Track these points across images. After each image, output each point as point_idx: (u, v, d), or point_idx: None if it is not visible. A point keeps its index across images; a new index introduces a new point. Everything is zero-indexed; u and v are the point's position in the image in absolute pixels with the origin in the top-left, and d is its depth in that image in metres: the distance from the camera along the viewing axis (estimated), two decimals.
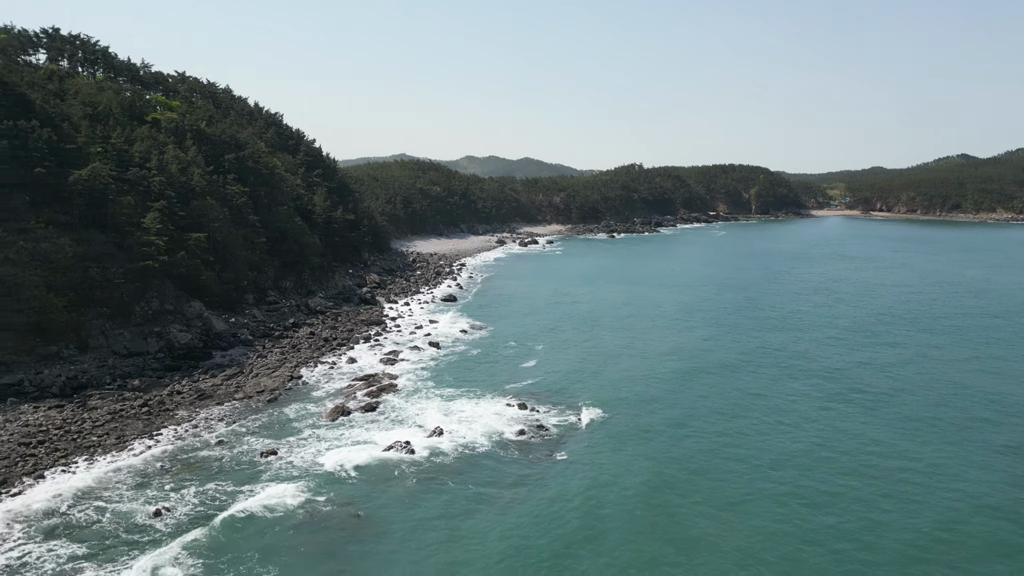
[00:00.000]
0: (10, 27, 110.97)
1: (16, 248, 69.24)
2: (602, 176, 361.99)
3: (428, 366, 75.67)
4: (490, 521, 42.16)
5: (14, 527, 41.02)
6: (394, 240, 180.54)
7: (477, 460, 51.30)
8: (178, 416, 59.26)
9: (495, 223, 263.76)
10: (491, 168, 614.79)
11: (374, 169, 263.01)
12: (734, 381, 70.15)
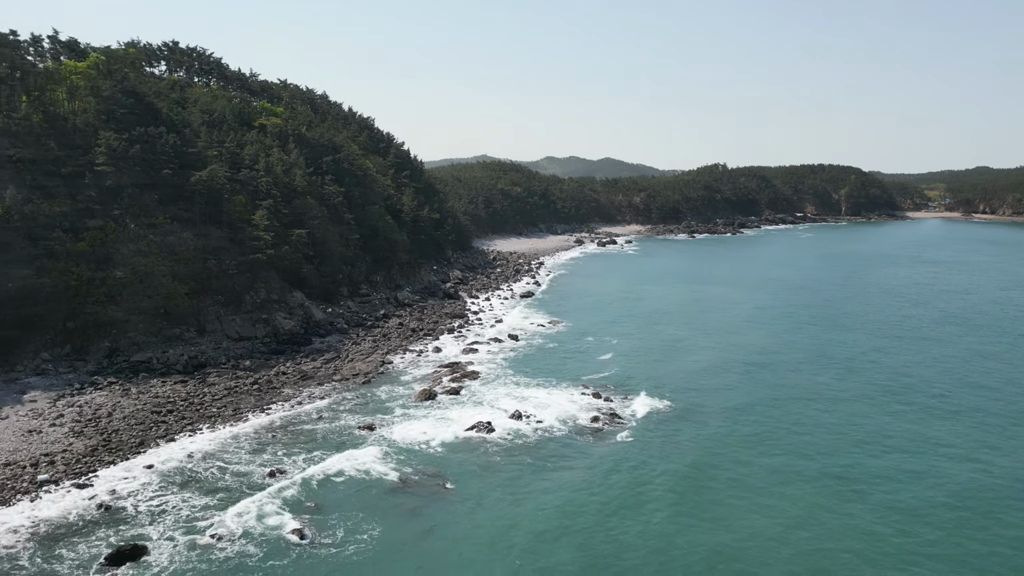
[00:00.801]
0: (137, 41, 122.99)
1: (147, 241, 78.25)
2: (683, 176, 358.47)
3: (507, 356, 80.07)
4: (560, 493, 45.89)
5: (152, 479, 47.84)
6: (475, 239, 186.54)
7: (552, 441, 55.17)
8: (284, 393, 65.95)
9: (574, 223, 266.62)
10: (571, 168, 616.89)
11: (457, 170, 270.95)
12: (798, 377, 72.21)
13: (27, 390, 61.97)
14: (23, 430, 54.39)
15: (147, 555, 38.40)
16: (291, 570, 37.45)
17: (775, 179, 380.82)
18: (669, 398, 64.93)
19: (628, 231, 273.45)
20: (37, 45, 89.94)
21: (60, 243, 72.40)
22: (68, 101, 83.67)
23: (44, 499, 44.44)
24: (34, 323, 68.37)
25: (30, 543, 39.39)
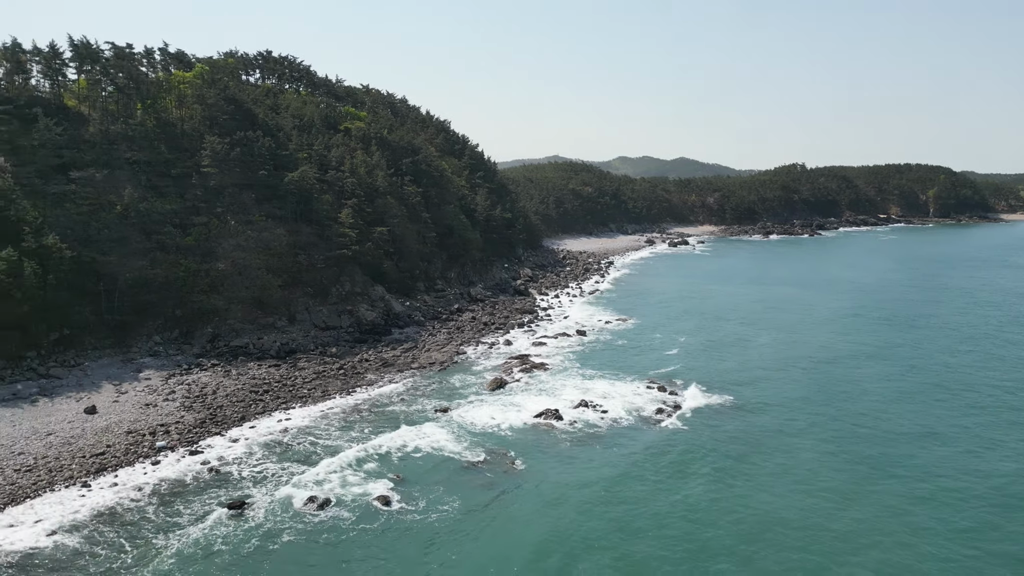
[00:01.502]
0: (235, 51, 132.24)
1: (245, 237, 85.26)
2: (760, 176, 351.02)
3: (575, 350, 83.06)
4: (619, 475, 48.69)
5: (254, 449, 53.39)
6: (546, 238, 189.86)
7: (616, 429, 57.98)
8: (367, 378, 71.14)
9: (645, 223, 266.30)
10: (644, 168, 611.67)
11: (529, 171, 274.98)
12: (861, 376, 72.62)
13: (143, 369, 69.29)
14: (141, 404, 61.26)
15: (250, 511, 43.53)
16: (378, 532, 41.77)
17: (857, 179, 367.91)
18: (732, 392, 66.58)
19: (701, 232, 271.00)
20: (149, 57, 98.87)
21: (170, 237, 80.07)
22: (177, 108, 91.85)
23: (163, 462, 50.53)
24: (148, 310, 75.99)
25: (153, 497, 45.26)
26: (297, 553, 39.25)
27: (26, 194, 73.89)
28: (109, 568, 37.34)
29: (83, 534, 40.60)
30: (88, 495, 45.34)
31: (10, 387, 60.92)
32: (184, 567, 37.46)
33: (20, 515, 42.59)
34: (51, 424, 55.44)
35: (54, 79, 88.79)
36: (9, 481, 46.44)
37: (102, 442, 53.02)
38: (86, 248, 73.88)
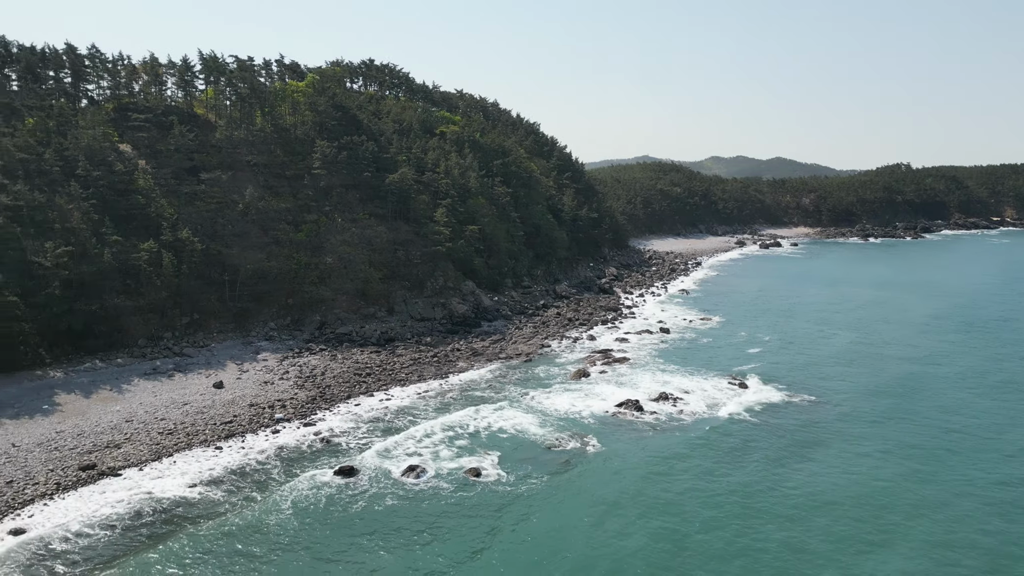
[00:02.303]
0: (341, 60, 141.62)
1: (350, 233, 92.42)
2: (860, 177, 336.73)
3: (658, 347, 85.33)
4: (693, 462, 51.19)
5: (359, 424, 59.16)
6: (632, 238, 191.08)
7: (694, 420, 60.30)
8: (459, 366, 76.22)
9: (736, 224, 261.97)
10: (737, 168, 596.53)
11: (617, 171, 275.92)
12: (948, 382, 71.42)
13: (260, 351, 77.00)
14: (260, 381, 68.54)
15: (358, 477, 48.94)
16: (468, 498, 46.21)
17: (968, 180, 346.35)
18: (810, 391, 67.40)
19: (795, 233, 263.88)
20: (268, 68, 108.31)
21: (284, 233, 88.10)
22: (291, 115, 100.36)
23: (281, 432, 57.00)
24: (264, 298, 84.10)
25: (276, 460, 51.52)
26: (399, 515, 44.12)
27: (163, 193, 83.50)
28: (239, 514, 43.43)
29: (217, 486, 47.11)
30: (220, 456, 52.13)
31: (151, 363, 69.60)
32: (302, 520, 43.07)
33: (165, 469, 49.70)
34: (186, 396, 63.26)
35: (186, 90, 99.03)
36: (155, 441, 53.92)
37: (229, 412, 60.22)
38: (213, 242, 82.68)
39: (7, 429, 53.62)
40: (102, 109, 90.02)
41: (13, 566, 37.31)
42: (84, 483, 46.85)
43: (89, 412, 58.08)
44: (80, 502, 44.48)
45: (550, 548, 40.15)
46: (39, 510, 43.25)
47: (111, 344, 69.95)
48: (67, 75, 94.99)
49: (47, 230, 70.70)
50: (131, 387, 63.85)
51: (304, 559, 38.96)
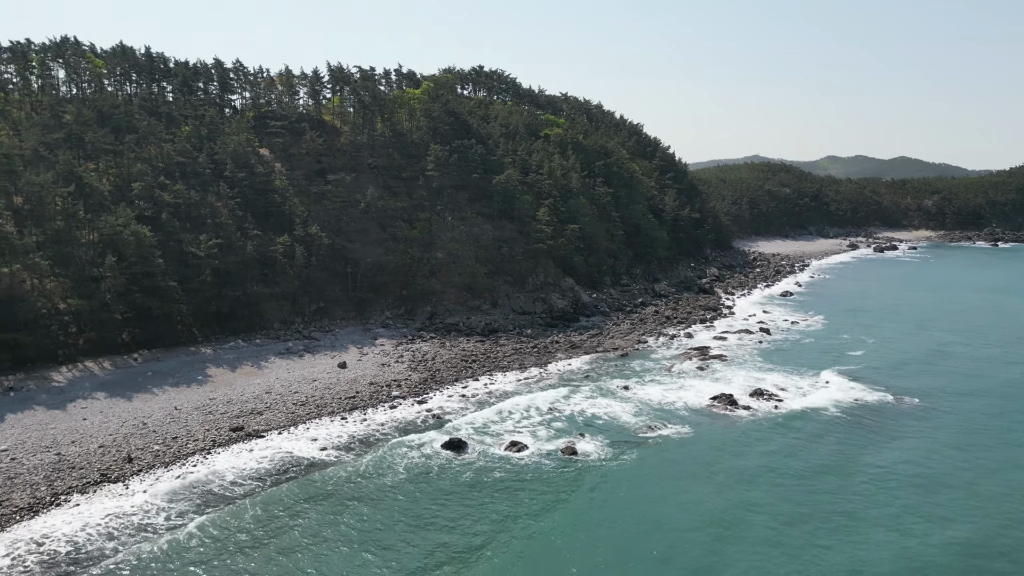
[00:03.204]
0: (452, 67, 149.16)
1: (459, 231, 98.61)
2: (992, 177, 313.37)
3: (756, 346, 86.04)
4: (779, 457, 52.84)
5: (466, 404, 64.49)
6: (737, 239, 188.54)
7: (787, 417, 61.58)
8: (557, 357, 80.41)
9: (849, 227, 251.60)
10: (856, 169, 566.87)
11: (723, 171, 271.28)
12: None
13: (378, 337, 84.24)
14: (378, 363, 75.45)
15: (465, 450, 54.06)
16: (564, 472, 50.26)
17: None
18: (913, 394, 66.78)
19: (914, 237, 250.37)
20: (387, 77, 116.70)
21: (400, 230, 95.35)
22: (408, 120, 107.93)
23: (397, 408, 63.19)
24: (382, 289, 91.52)
25: (393, 431, 57.56)
26: (503, 484, 48.74)
27: (296, 192, 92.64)
28: (361, 474, 49.45)
29: (344, 450, 53.56)
30: (345, 425, 58.81)
31: (284, 344, 78.08)
32: (419, 485, 48.50)
33: (300, 434, 56.76)
34: (315, 373, 70.90)
35: (316, 99, 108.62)
36: (290, 411, 61.36)
37: (352, 389, 67.18)
38: (338, 237, 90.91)
39: (170, 395, 62.70)
40: (244, 117, 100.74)
41: (184, 503, 44.83)
42: (234, 441, 54.55)
43: (235, 383, 66.60)
44: (232, 457, 52.03)
45: (643, 520, 43.57)
46: (200, 460, 51.06)
47: (251, 326, 79.00)
48: (215, 87, 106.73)
49: (200, 224, 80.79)
50: (268, 364, 72.26)
51: (415, 518, 44.24)
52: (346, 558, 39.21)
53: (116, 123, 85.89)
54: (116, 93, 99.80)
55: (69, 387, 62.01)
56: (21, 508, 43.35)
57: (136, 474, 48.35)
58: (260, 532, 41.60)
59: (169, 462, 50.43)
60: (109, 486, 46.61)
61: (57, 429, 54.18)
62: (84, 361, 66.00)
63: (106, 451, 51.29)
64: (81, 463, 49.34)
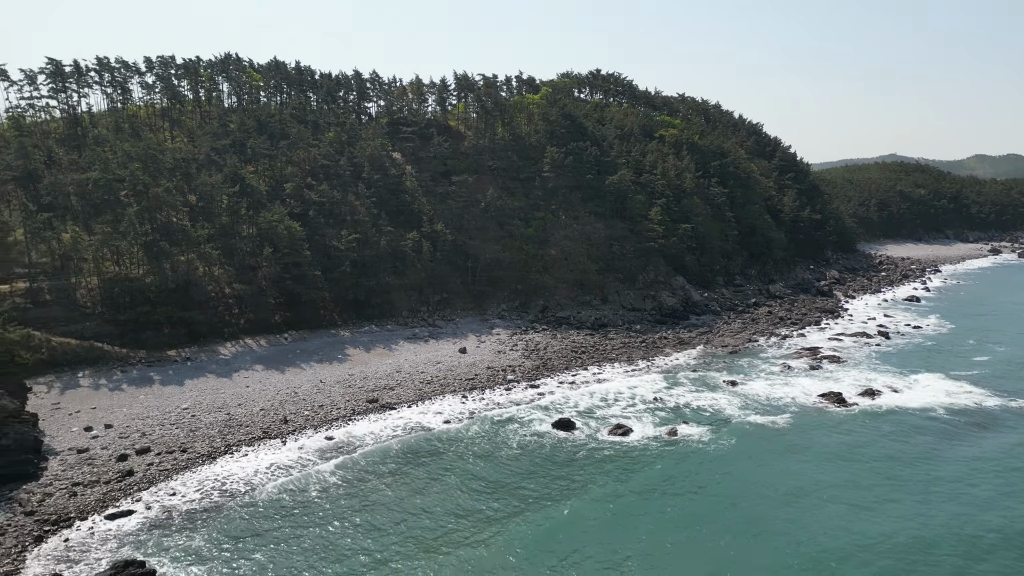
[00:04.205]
0: (570, 72, 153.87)
1: (572, 229, 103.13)
2: None
3: (872, 349, 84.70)
4: (881, 455, 53.38)
5: (575, 390, 68.86)
6: (862, 242, 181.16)
7: (897, 418, 61.44)
8: (665, 351, 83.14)
9: (992, 231, 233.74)
10: (1006, 168, 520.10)
11: (850, 171, 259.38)
12: None
13: (494, 327, 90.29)
14: (495, 350, 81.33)
15: (575, 430, 58.48)
16: (666, 453, 53.55)
17: None
18: None
19: None
20: (508, 84, 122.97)
21: (517, 228, 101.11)
22: (526, 124, 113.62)
23: (512, 390, 68.56)
24: (498, 283, 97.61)
25: (508, 410, 62.90)
26: (609, 462, 52.70)
27: (424, 193, 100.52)
28: (480, 446, 54.99)
29: (465, 423, 59.46)
30: (465, 403, 64.81)
31: (412, 330, 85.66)
32: (531, 457, 53.42)
33: (426, 408, 63.28)
34: (438, 357, 77.72)
35: (442, 105, 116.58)
36: (417, 388, 68.19)
37: (471, 372, 73.32)
38: (460, 234, 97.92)
39: (316, 370, 71.30)
40: (379, 123, 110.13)
41: (330, 457, 52.14)
42: (370, 411, 61.85)
43: (369, 363, 74.51)
44: (369, 424, 59.21)
45: (736, 494, 46.27)
46: (341, 426, 58.56)
47: (383, 313, 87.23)
48: (354, 96, 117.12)
49: (341, 221, 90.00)
50: (398, 347, 79.92)
51: (528, 488, 49.13)
52: (463, 506, 44.67)
53: (271, 130, 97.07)
54: (270, 103, 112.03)
55: (233, 359, 72.09)
56: (202, 455, 52.16)
57: (291, 433, 56.42)
58: (392, 482, 48.05)
59: (317, 425, 58.28)
60: (270, 441, 54.84)
61: (226, 394, 63.67)
62: (244, 338, 76.20)
63: (266, 413, 59.94)
64: (246, 422, 58.09)
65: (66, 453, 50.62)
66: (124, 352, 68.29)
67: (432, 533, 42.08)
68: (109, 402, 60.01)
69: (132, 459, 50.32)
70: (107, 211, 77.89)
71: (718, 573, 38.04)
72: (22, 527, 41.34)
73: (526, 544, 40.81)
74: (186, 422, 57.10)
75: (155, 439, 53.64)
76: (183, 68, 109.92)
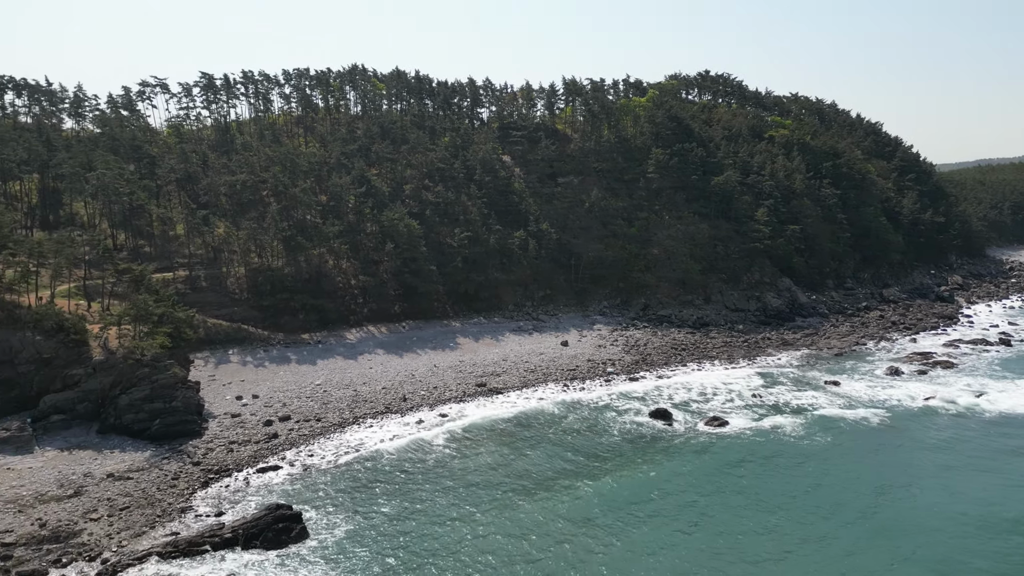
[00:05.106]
0: (678, 73, 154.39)
1: (675, 229, 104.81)
2: None
3: (992, 356, 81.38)
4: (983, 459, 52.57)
5: (673, 384, 71.16)
6: (992, 247, 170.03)
7: (1007, 421, 59.86)
8: (767, 351, 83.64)
9: None
10: None
11: (983, 172, 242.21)
12: None
13: (595, 323, 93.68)
14: (595, 345, 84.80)
15: (671, 422, 61.08)
16: (765, 446, 55.22)
17: None
18: None
19: None
20: (615, 87, 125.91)
21: (620, 228, 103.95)
22: (632, 127, 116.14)
23: (611, 382, 71.89)
24: (600, 280, 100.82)
25: (607, 399, 66.31)
26: (706, 451, 55.03)
27: (531, 194, 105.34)
28: (579, 427, 58.80)
29: (567, 409, 63.43)
30: (566, 391, 68.78)
31: (516, 323, 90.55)
32: (629, 443, 56.66)
33: (530, 394, 67.75)
34: (541, 348, 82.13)
35: (550, 109, 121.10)
36: (522, 376, 72.83)
37: (572, 363, 77.21)
38: (564, 233, 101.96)
39: (430, 356, 77.51)
40: (490, 128, 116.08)
41: (446, 431, 57.62)
42: (479, 395, 67.04)
43: (478, 351, 80.00)
44: (477, 405, 64.40)
45: (840, 492, 47.61)
46: (452, 405, 64.03)
47: (490, 306, 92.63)
48: (467, 102, 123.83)
49: (454, 220, 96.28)
50: (504, 338, 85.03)
51: (618, 460, 52.48)
52: (559, 469, 48.61)
53: (393, 136, 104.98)
54: (392, 110, 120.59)
55: (358, 344, 79.57)
56: (334, 424, 59.01)
57: (409, 410, 62.51)
58: (496, 451, 52.93)
59: (432, 403, 64.12)
60: (391, 416, 61.10)
61: (352, 373, 70.85)
62: (368, 325, 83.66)
63: (387, 392, 66.44)
64: (370, 398, 64.74)
65: (222, 417, 58.81)
66: (266, 334, 77.10)
67: (531, 489, 46.58)
68: (255, 376, 68.49)
69: (276, 424, 57.83)
70: (252, 209, 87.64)
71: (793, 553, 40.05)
72: (191, 474, 49.15)
73: (613, 502, 44.53)
74: (319, 396, 64.42)
75: (294, 409, 61.11)
76: (315, 79, 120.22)
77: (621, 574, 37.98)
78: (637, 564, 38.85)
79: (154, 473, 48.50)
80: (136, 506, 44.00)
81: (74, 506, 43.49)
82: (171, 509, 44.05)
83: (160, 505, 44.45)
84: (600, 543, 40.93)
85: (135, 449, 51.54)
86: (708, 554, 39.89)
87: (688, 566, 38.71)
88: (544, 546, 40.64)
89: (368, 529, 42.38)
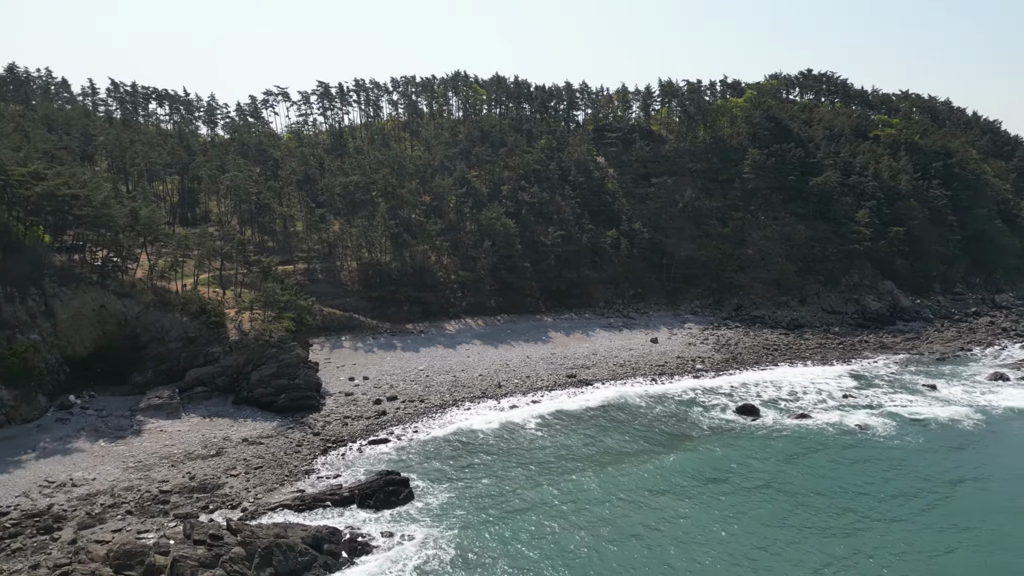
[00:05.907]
0: (779, 73, 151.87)
1: (771, 230, 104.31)
2: None
3: None
4: None
5: (761, 383, 72.03)
6: None
7: None
8: (864, 354, 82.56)
9: None
10: None
11: None
12: None
13: (686, 322, 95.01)
14: (685, 343, 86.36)
15: (759, 418, 62.36)
16: (848, 442, 55.81)
17: None
18: None
19: None
20: (712, 88, 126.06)
21: (713, 228, 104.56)
22: (729, 127, 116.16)
23: (700, 379, 73.56)
24: (692, 280, 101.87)
25: (695, 395, 68.20)
26: (792, 444, 56.20)
27: (624, 194, 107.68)
28: (664, 419, 61.15)
29: (654, 402, 65.90)
30: (654, 385, 71.13)
31: (607, 319, 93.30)
32: (710, 430, 58.66)
33: (620, 386, 70.58)
34: (631, 344, 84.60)
35: (646, 111, 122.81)
36: (611, 369, 75.67)
37: (661, 360, 79.28)
38: (656, 233, 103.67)
39: (523, 348, 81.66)
40: (586, 130, 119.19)
41: (536, 415, 61.52)
42: (569, 385, 70.49)
43: (569, 345, 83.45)
44: (567, 395, 67.88)
45: (923, 489, 48.03)
46: (544, 394, 67.79)
47: (581, 303, 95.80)
48: (563, 105, 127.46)
49: (548, 219, 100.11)
50: (594, 334, 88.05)
51: (703, 446, 54.56)
52: (642, 449, 51.31)
53: (492, 139, 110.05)
54: (492, 114, 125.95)
55: (457, 334, 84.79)
56: (436, 405, 64.08)
57: (504, 396, 66.81)
58: (584, 435, 56.34)
59: (524, 391, 68.18)
60: (487, 400, 65.58)
61: (451, 361, 75.98)
62: (466, 318, 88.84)
63: (483, 378, 71.06)
64: (468, 384, 69.53)
65: (337, 395, 65.12)
66: (374, 323, 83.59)
67: (614, 463, 49.93)
68: (365, 360, 74.82)
69: (384, 403, 63.52)
70: (363, 208, 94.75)
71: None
72: (312, 442, 55.28)
73: (695, 477, 47.29)
74: (422, 380, 69.83)
75: (400, 391, 66.73)
76: (420, 86, 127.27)
77: (701, 541, 40.56)
78: (713, 534, 41.28)
79: (281, 440, 54.96)
80: (267, 466, 50.35)
81: (216, 463, 50.29)
82: (297, 471, 50.11)
83: (287, 467, 50.62)
84: (676, 513, 44.16)
85: (264, 419, 58.35)
86: (779, 527, 41.85)
87: (756, 539, 40.74)
88: (622, 509, 44.63)
89: (466, 494, 46.84)
